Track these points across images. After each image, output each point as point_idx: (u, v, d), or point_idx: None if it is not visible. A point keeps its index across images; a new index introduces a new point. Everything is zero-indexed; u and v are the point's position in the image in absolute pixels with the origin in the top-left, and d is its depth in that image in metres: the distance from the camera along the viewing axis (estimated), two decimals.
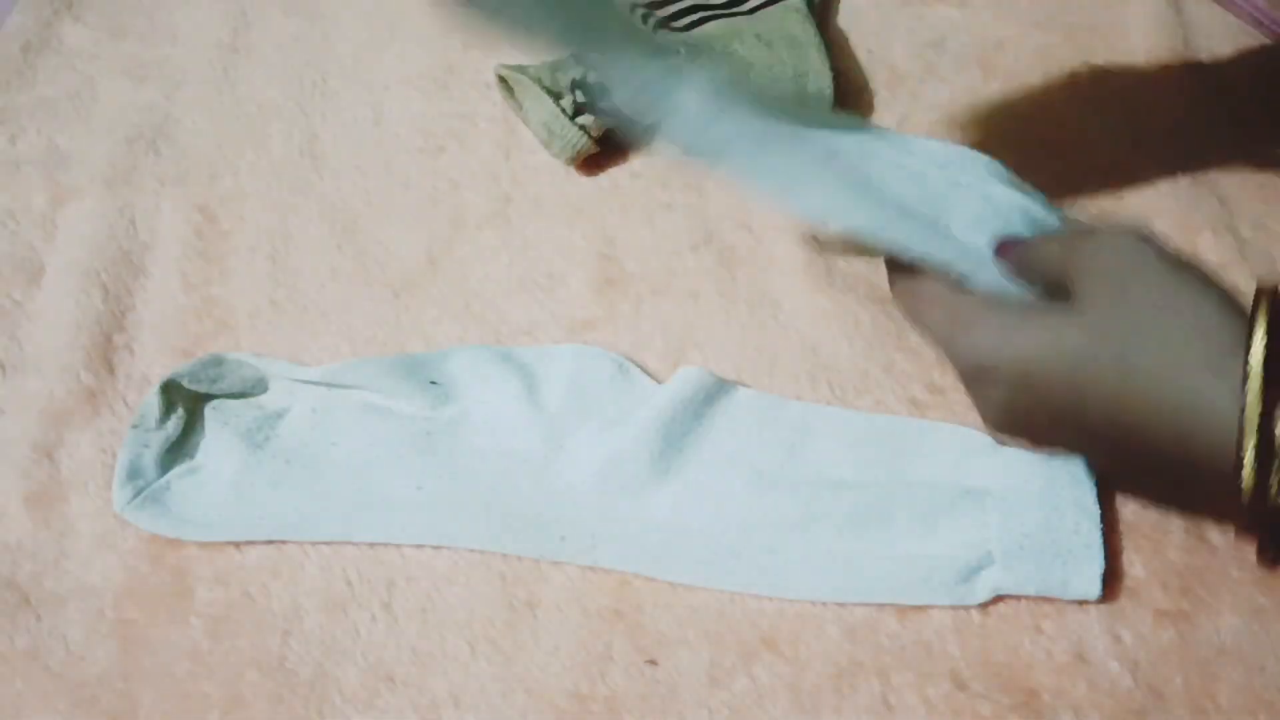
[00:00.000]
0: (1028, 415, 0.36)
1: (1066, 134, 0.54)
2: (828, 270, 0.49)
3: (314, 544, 0.42)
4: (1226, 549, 0.40)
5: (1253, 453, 0.30)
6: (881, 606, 0.40)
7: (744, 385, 0.46)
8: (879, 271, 0.49)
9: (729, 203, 0.52)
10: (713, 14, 0.57)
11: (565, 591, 0.41)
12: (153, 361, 0.48)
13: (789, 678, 0.39)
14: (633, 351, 0.47)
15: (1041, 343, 0.34)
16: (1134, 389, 0.32)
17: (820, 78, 0.53)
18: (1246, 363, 0.30)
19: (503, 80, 0.55)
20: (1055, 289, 0.36)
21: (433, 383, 0.45)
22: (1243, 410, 0.30)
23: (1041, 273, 0.37)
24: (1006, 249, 0.38)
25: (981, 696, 0.38)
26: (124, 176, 0.55)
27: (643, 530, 0.42)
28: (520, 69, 0.53)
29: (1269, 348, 0.30)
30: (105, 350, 0.48)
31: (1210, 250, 0.49)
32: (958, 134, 0.54)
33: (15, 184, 0.55)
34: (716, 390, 0.45)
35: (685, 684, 0.39)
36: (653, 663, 0.39)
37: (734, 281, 0.49)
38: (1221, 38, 0.57)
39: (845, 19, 0.60)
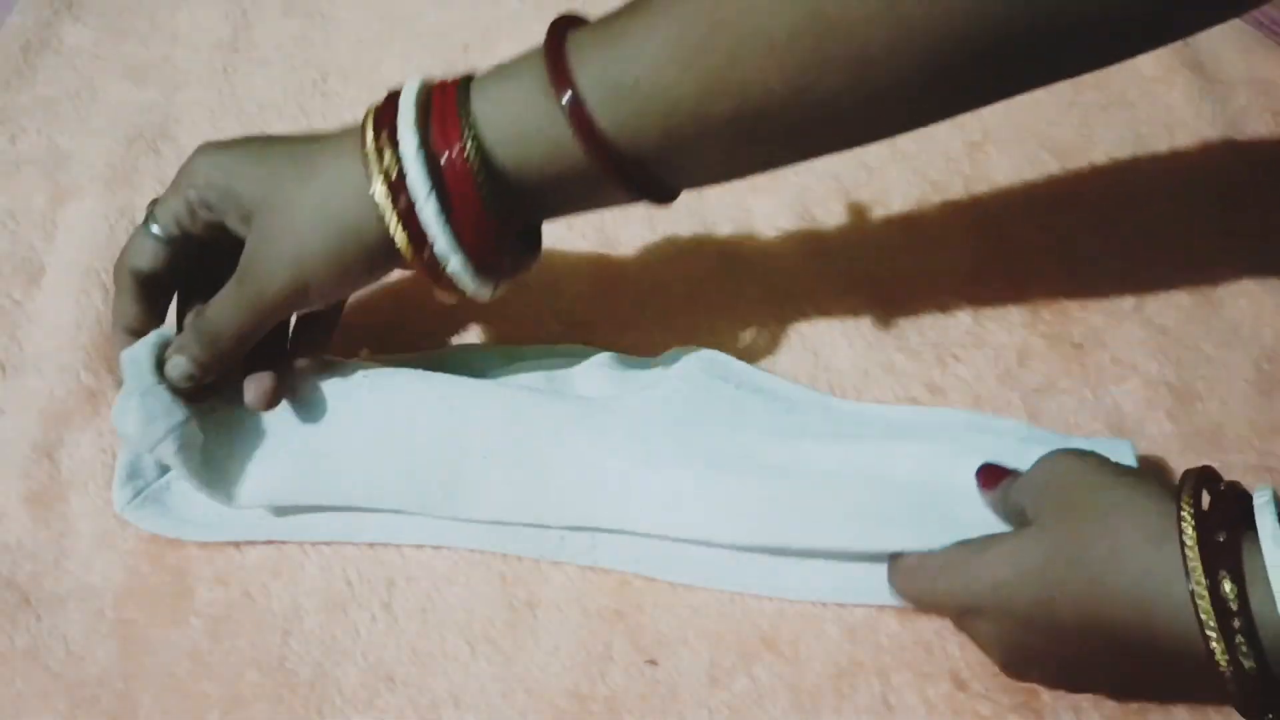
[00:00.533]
0: (1023, 645, 0.36)
1: (1066, 134, 0.54)
2: (828, 270, 0.49)
3: (314, 544, 0.42)
4: None
5: (1214, 622, 0.30)
6: (882, 606, 0.40)
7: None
8: (879, 271, 0.49)
9: (729, 202, 0.52)
10: None
11: (565, 591, 0.41)
12: None
13: (789, 678, 0.39)
14: (633, 351, 0.47)
15: (1007, 566, 0.35)
16: (1094, 586, 0.33)
17: None
18: (1181, 535, 0.32)
19: None
20: (1021, 518, 0.37)
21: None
22: (1191, 590, 0.31)
23: (1014, 504, 0.38)
24: (991, 478, 0.39)
25: (981, 696, 0.38)
26: (124, 176, 0.55)
27: (644, 527, 0.41)
28: None
29: (1197, 518, 0.32)
30: (106, 350, 0.48)
31: (1210, 250, 0.49)
32: (958, 136, 0.54)
33: (15, 184, 0.55)
34: (721, 378, 0.45)
35: (685, 684, 0.39)
36: (653, 663, 0.39)
37: (734, 281, 0.49)
38: (1221, 38, 0.57)
39: None
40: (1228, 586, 0.30)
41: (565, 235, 0.51)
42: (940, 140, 0.54)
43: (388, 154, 0.34)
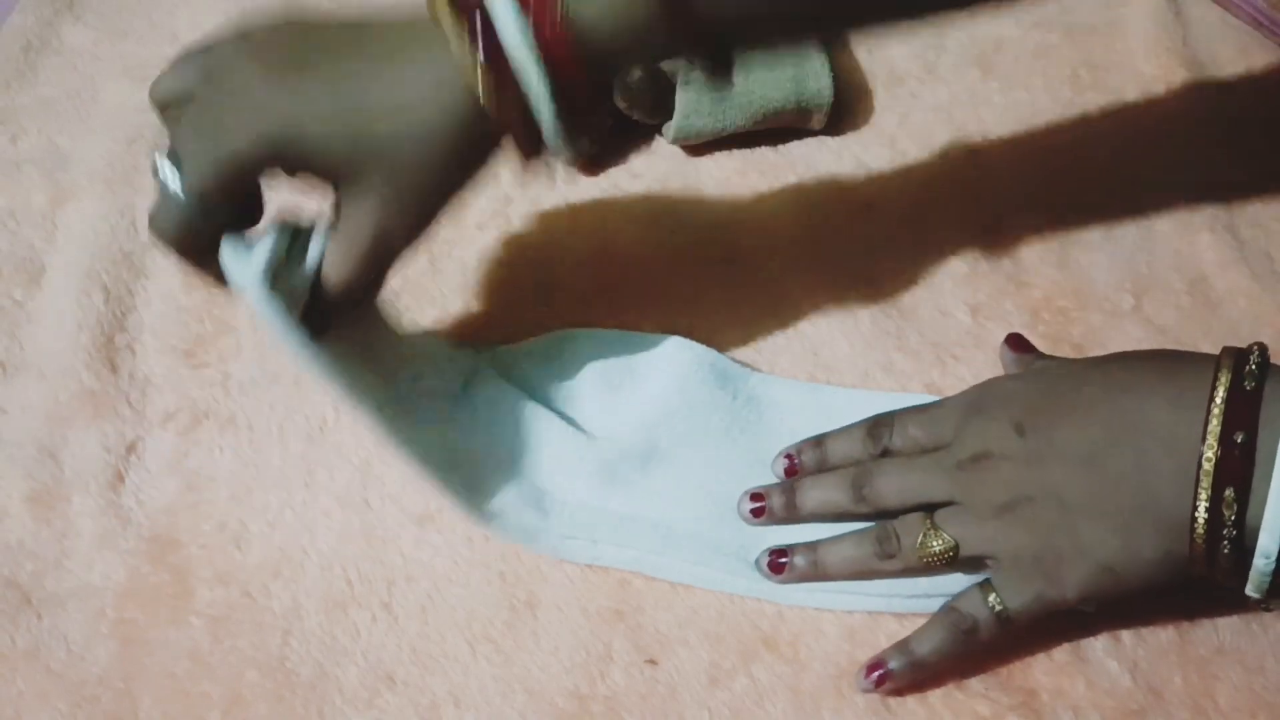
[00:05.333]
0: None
1: (1066, 134, 0.54)
2: (828, 270, 0.49)
3: (314, 544, 0.42)
4: None
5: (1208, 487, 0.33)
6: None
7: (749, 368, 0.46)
8: (879, 271, 0.49)
9: (729, 203, 0.52)
10: None
11: (565, 591, 0.41)
12: (154, 362, 0.48)
13: (789, 678, 0.39)
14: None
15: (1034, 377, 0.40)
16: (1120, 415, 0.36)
17: (819, 78, 0.53)
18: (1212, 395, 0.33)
19: None
20: None
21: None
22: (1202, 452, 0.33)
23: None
24: (1020, 345, 0.44)
25: (980, 696, 0.38)
26: (124, 176, 0.55)
27: (645, 528, 0.42)
28: None
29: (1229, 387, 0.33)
30: (107, 350, 0.48)
31: (1210, 250, 0.49)
32: (958, 136, 0.54)
33: (15, 184, 0.55)
34: (719, 377, 0.45)
35: (685, 684, 0.39)
36: (653, 663, 0.39)
37: (734, 281, 0.49)
38: (1221, 38, 0.57)
39: None
40: (1228, 495, 0.32)
41: (565, 236, 0.52)
42: (940, 140, 0.54)
43: (465, 23, 0.32)
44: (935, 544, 0.37)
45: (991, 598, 0.37)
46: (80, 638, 0.41)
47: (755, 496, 0.42)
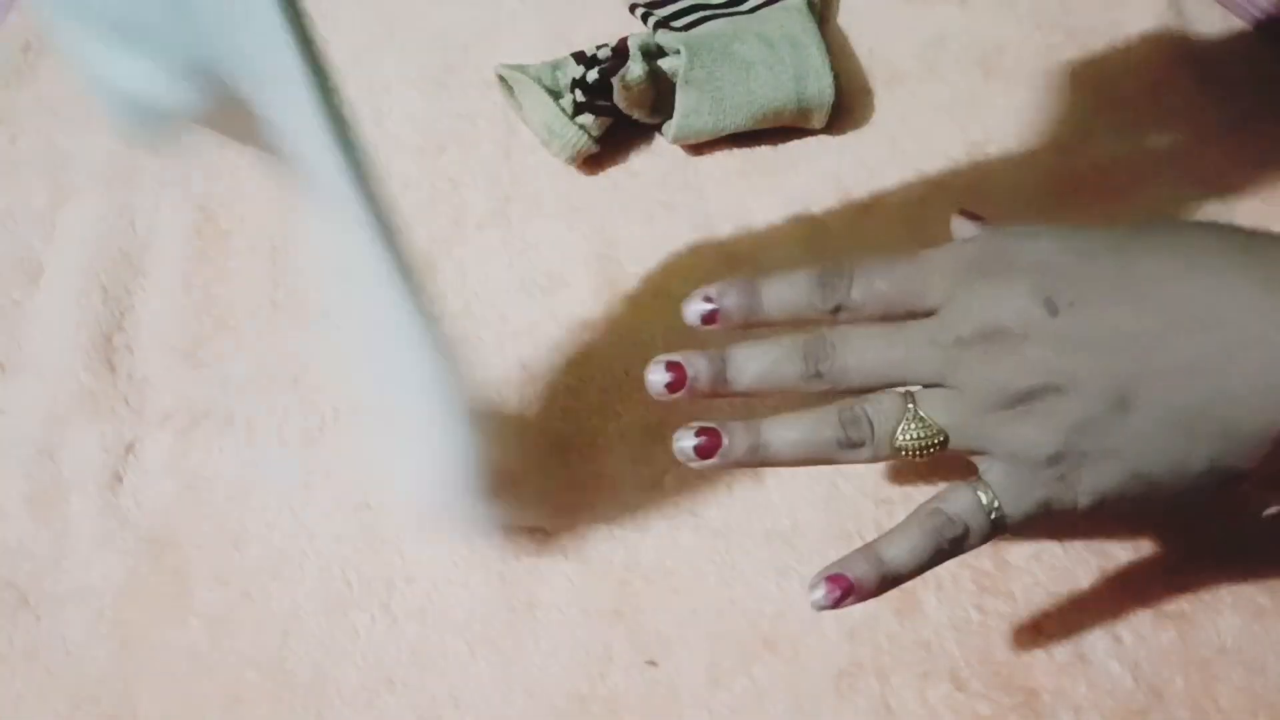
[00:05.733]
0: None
1: (1067, 134, 0.54)
2: None
3: (312, 545, 0.42)
4: (1227, 549, 0.40)
5: None
6: (880, 606, 0.40)
7: None
8: None
9: (729, 202, 0.52)
10: (712, 14, 0.57)
11: (565, 592, 0.41)
12: (152, 362, 0.48)
13: (789, 678, 0.39)
14: (633, 351, 0.47)
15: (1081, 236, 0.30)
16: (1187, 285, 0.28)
17: (820, 78, 0.53)
18: None
19: (503, 80, 0.55)
20: None
21: None
22: None
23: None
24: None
25: (981, 696, 0.38)
26: (124, 176, 0.55)
27: None
28: (520, 68, 0.53)
29: None
30: (105, 350, 0.48)
31: None
32: (958, 136, 0.54)
33: (15, 184, 0.55)
34: None
35: (685, 684, 0.39)
36: (653, 663, 0.39)
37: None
38: (1222, 38, 0.57)
39: (845, 19, 0.60)
40: None
41: (565, 235, 0.51)
42: (940, 140, 0.54)
43: None
44: (917, 432, 0.31)
45: (986, 499, 0.31)
46: (79, 638, 0.40)
47: (672, 365, 0.33)
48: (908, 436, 0.31)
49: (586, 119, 0.52)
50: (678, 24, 0.56)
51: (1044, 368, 0.29)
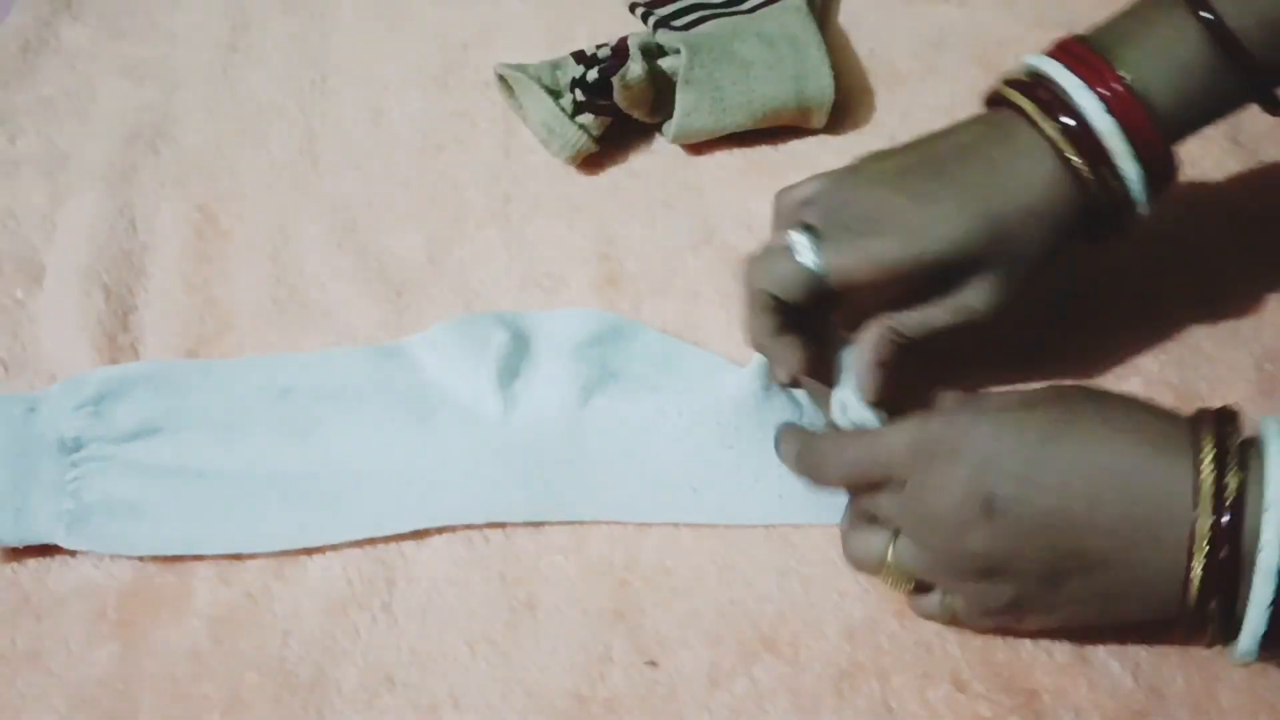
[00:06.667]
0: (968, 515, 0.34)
1: None
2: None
3: (315, 545, 0.42)
4: None
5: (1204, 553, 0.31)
6: (881, 607, 0.40)
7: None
8: None
9: (729, 202, 0.52)
10: (712, 13, 0.57)
11: (565, 592, 0.41)
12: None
13: (789, 679, 0.39)
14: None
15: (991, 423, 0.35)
16: (1087, 465, 0.33)
17: (820, 77, 0.53)
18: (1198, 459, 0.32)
19: (502, 79, 0.55)
20: None
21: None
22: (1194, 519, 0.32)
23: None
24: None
25: (982, 697, 0.38)
26: (124, 176, 0.55)
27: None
28: (520, 68, 0.53)
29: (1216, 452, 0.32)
30: (109, 350, 0.48)
31: (1211, 250, 0.49)
32: None
33: (15, 184, 0.55)
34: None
35: (685, 685, 0.39)
36: (653, 664, 0.39)
37: (734, 281, 0.49)
38: None
39: (845, 19, 0.60)
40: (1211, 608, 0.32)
41: (565, 235, 0.51)
42: None
43: (1053, 116, 0.38)
44: (894, 576, 0.37)
45: (948, 610, 0.37)
46: (80, 638, 0.40)
47: None
48: (888, 579, 0.38)
49: (586, 119, 0.52)
50: (678, 23, 0.56)
51: (985, 557, 0.34)
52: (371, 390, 0.45)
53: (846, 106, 0.55)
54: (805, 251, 0.39)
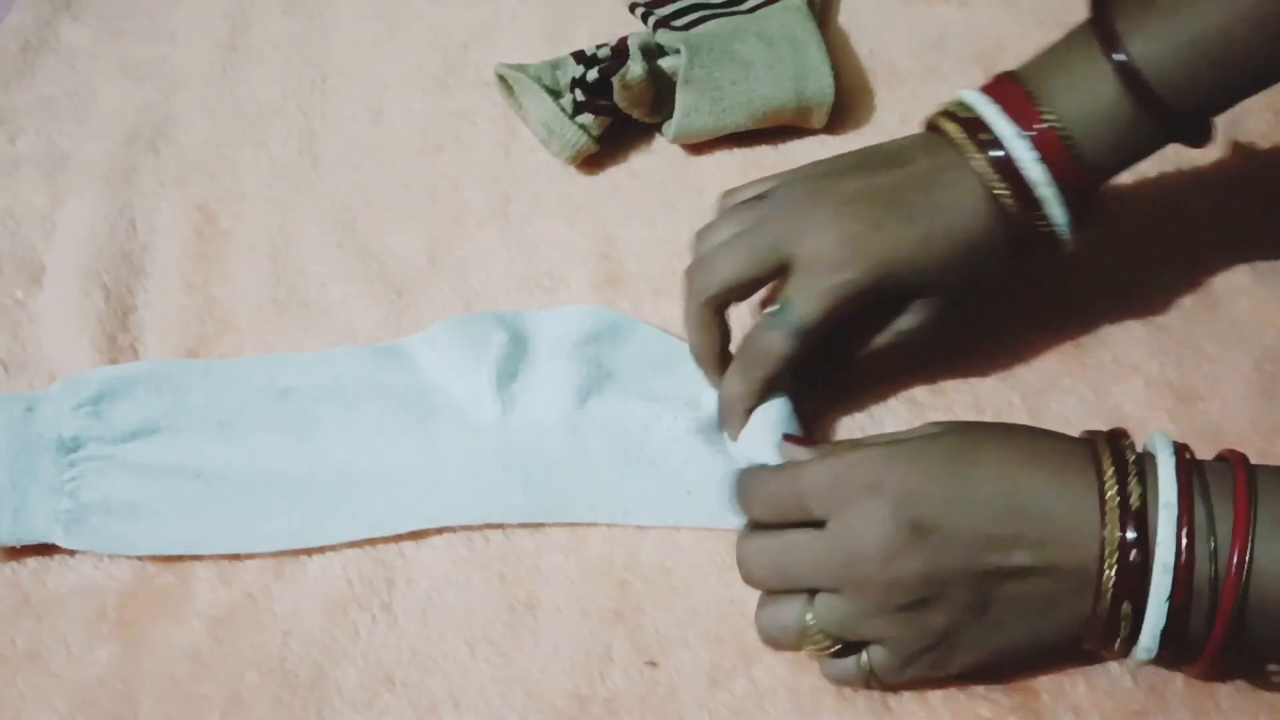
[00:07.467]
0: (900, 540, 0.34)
1: None
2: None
3: (315, 545, 0.42)
4: None
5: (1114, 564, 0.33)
6: None
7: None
8: None
9: None
10: (712, 13, 0.57)
11: (565, 592, 0.41)
12: None
13: (789, 679, 0.39)
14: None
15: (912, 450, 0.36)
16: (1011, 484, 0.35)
17: (820, 77, 0.53)
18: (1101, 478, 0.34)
19: (502, 79, 0.55)
20: None
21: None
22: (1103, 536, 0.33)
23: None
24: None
25: (982, 697, 0.38)
26: (124, 176, 0.55)
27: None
28: (520, 68, 0.53)
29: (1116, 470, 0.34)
30: (109, 350, 0.48)
31: (1211, 250, 0.49)
32: None
33: (15, 184, 0.55)
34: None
35: (685, 685, 0.39)
36: (653, 664, 0.39)
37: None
38: None
39: (845, 19, 0.60)
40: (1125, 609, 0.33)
41: (565, 235, 0.51)
42: None
43: (984, 153, 0.40)
44: (815, 639, 0.36)
45: (865, 666, 0.36)
46: (80, 638, 0.40)
47: None
48: (808, 640, 0.36)
49: (586, 118, 0.52)
50: (678, 23, 0.56)
51: (918, 582, 0.34)
52: (371, 391, 0.45)
53: (846, 106, 0.55)
54: (780, 326, 0.40)
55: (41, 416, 0.44)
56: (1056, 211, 0.40)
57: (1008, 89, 0.40)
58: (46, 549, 0.42)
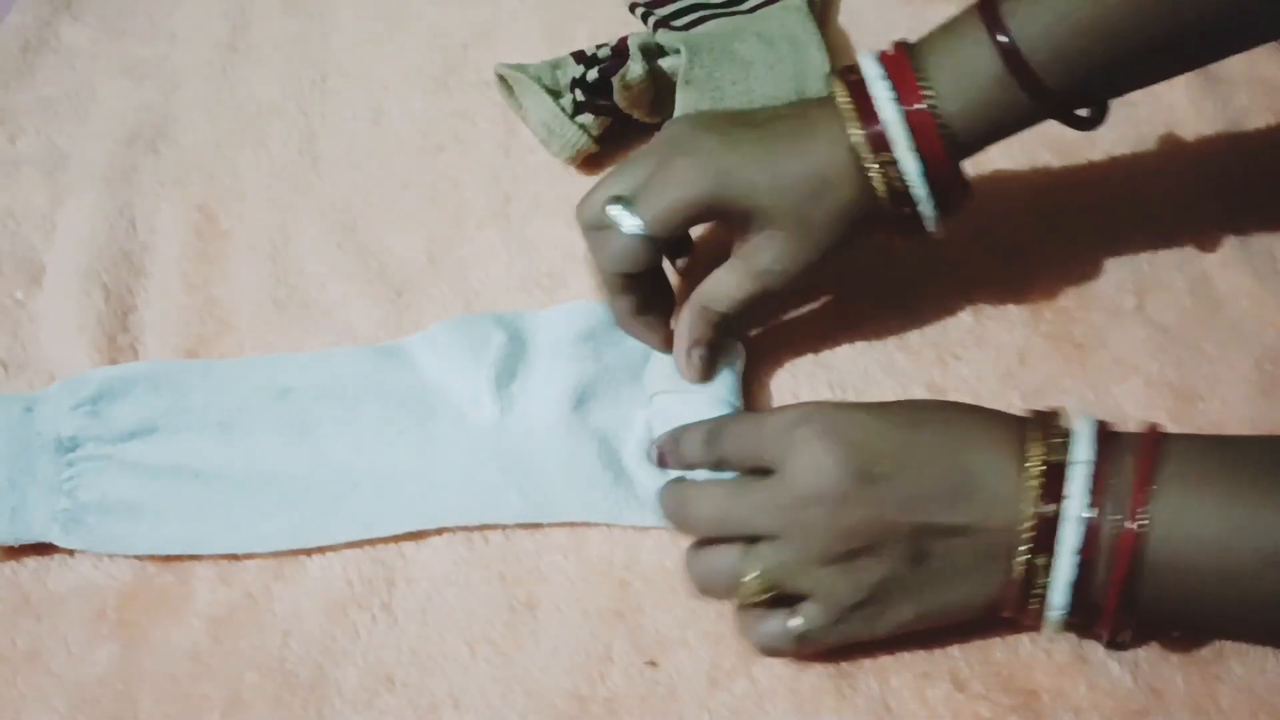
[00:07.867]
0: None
1: (1066, 134, 0.54)
2: (827, 268, 0.49)
3: (316, 546, 0.42)
4: None
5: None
6: None
7: None
8: (879, 270, 0.49)
9: None
10: (712, 13, 0.57)
11: (565, 592, 0.41)
12: None
13: (788, 679, 0.39)
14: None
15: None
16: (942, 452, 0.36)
17: (820, 77, 0.52)
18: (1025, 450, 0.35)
19: (502, 79, 0.55)
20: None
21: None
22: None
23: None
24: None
25: (981, 697, 0.38)
26: (124, 176, 0.55)
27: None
28: (520, 68, 0.53)
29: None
30: (109, 350, 0.48)
31: (1212, 249, 0.49)
32: None
33: (15, 184, 0.55)
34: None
35: (685, 685, 0.39)
36: (653, 664, 0.39)
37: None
38: None
39: (845, 19, 0.60)
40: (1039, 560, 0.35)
41: (565, 235, 0.51)
42: None
43: (859, 118, 0.40)
44: (750, 586, 0.37)
45: (797, 626, 0.37)
46: (80, 639, 0.40)
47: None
48: (745, 590, 0.37)
49: (586, 118, 0.52)
50: (678, 23, 0.56)
51: (862, 528, 0.35)
52: (371, 391, 0.45)
53: None
54: (625, 219, 0.41)
55: (40, 416, 0.44)
56: (919, 189, 0.40)
57: (897, 58, 0.41)
58: (46, 549, 0.42)
